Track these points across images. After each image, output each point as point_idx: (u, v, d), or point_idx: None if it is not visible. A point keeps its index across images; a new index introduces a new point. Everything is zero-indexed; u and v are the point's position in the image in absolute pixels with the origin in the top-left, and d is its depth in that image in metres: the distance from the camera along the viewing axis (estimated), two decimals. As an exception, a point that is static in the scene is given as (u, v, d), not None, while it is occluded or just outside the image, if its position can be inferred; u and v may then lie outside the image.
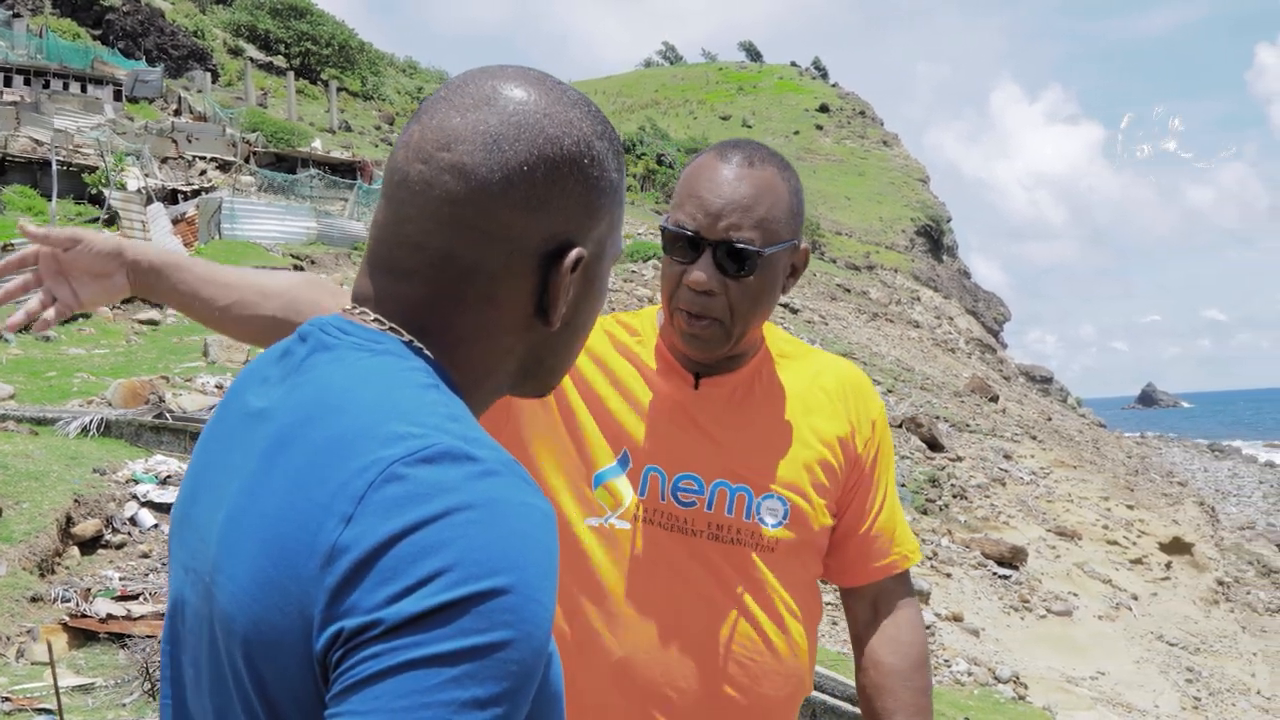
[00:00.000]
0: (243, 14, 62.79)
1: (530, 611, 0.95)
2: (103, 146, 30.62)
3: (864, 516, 2.15)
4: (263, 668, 0.99)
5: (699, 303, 1.93)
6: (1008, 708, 9.36)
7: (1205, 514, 27.07)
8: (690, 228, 1.91)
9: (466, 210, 1.12)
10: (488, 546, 0.95)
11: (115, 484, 9.75)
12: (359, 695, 0.91)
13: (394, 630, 0.92)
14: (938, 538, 14.76)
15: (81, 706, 6.47)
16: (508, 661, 0.93)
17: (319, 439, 1.02)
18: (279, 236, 28.93)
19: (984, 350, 64.90)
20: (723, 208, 1.91)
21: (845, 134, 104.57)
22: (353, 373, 1.08)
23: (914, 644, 2.16)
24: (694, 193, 1.93)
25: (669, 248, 1.94)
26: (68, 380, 14.68)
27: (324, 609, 0.95)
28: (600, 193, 1.19)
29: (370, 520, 0.95)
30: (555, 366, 1.27)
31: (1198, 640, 14.55)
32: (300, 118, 48.87)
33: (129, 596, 8.01)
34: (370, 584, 0.94)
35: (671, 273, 1.95)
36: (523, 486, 1.01)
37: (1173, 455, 57.71)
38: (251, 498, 1.04)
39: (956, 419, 25.66)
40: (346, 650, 0.93)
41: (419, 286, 1.14)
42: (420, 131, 1.16)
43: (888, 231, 78.66)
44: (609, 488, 1.96)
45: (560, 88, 1.20)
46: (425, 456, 0.98)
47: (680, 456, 2.01)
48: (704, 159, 1.96)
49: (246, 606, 1.00)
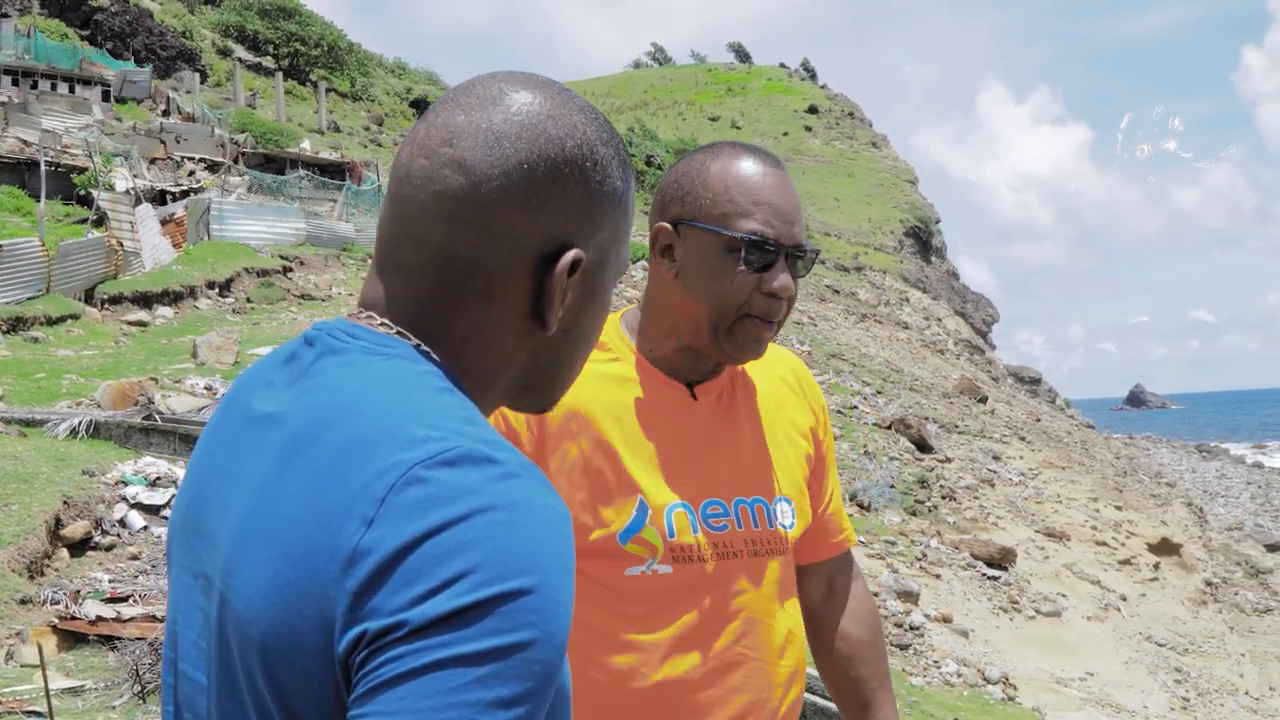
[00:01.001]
0: (231, 14, 62.71)
1: (552, 612, 0.96)
2: (91, 147, 30.53)
3: (823, 497, 2.23)
4: (280, 672, 1.00)
5: (776, 308, 1.96)
6: (997, 709, 9.38)
7: (1193, 515, 27.14)
8: (771, 236, 1.93)
9: (466, 206, 1.13)
10: (511, 548, 0.96)
11: (104, 486, 9.74)
12: (385, 696, 0.92)
13: (419, 631, 0.93)
14: (927, 539, 14.77)
15: (71, 709, 6.45)
16: (531, 661, 0.94)
17: (336, 442, 1.03)
18: (268, 237, 28.88)
19: (972, 351, 65.00)
20: (793, 214, 1.96)
21: (834, 135, 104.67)
22: (365, 376, 1.08)
23: (872, 613, 2.30)
24: (763, 200, 1.94)
25: (747, 257, 1.93)
26: (57, 382, 14.65)
27: (346, 611, 0.96)
28: (603, 198, 1.19)
29: (392, 523, 0.96)
30: (556, 376, 1.26)
31: (1186, 641, 14.59)
32: (289, 118, 48.82)
33: (118, 598, 8.00)
34: (394, 586, 0.94)
35: (745, 281, 1.93)
36: (542, 489, 1.02)
37: (1161, 456, 57.80)
38: (266, 501, 1.04)
39: (945, 420, 25.70)
40: (371, 652, 0.94)
41: (421, 285, 1.15)
42: (426, 129, 1.17)
43: (876, 233, 78.74)
44: (639, 540, 1.92)
45: (567, 93, 1.21)
46: (446, 459, 0.99)
47: (699, 483, 2.00)
48: (748, 165, 1.97)
49: (264, 610, 1.00)
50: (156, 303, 22.39)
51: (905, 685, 9.21)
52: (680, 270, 1.96)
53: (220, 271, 24.70)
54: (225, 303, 23.56)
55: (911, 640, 10.63)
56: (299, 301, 24.57)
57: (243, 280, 24.90)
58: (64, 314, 20.17)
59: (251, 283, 24.95)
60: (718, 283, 1.93)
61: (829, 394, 23.79)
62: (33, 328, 19.10)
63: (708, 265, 1.94)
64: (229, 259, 25.69)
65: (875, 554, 13.15)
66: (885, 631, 10.61)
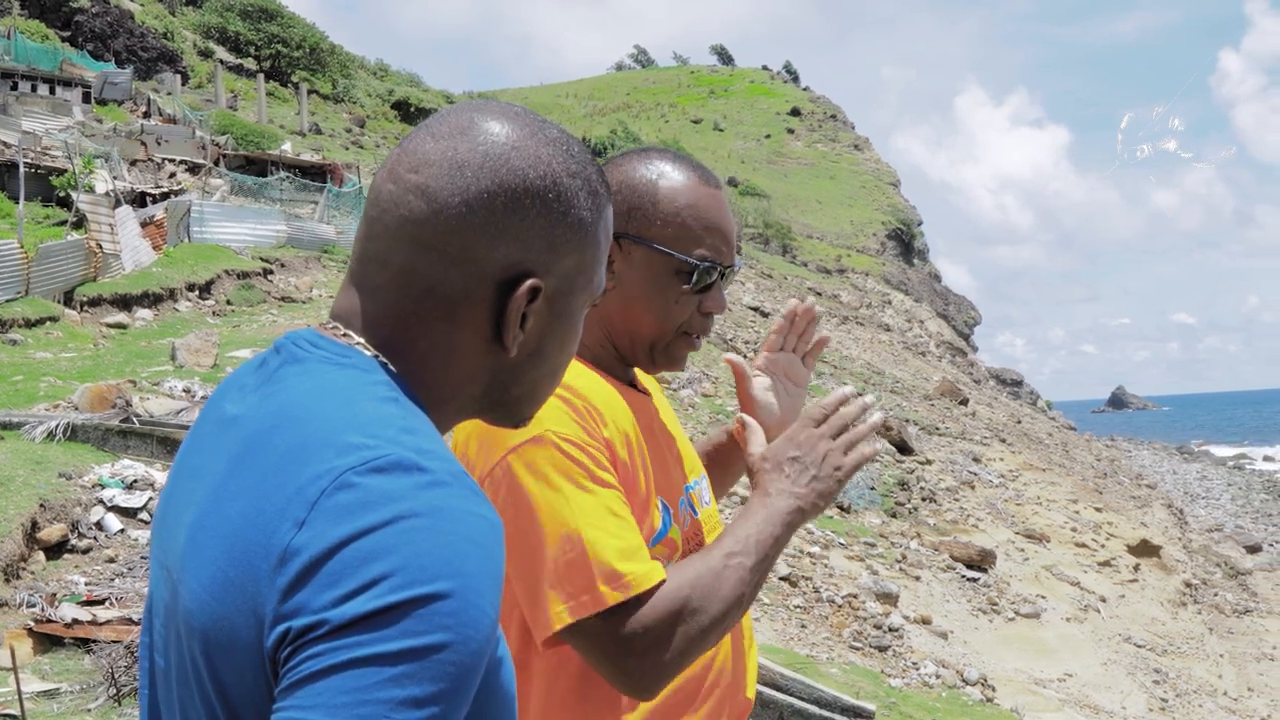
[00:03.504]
0: (213, 16, 62.57)
1: (470, 616, 1.00)
2: (71, 149, 30.42)
3: None
4: (220, 664, 1.04)
5: (709, 325, 2.01)
6: (976, 710, 9.40)
7: (1173, 516, 27.27)
8: (719, 261, 1.96)
9: (426, 230, 1.18)
10: (431, 553, 1.00)
11: (81, 489, 9.69)
12: (303, 691, 0.96)
13: (338, 630, 0.97)
14: (907, 540, 14.80)
15: (46, 712, 6.42)
16: (445, 663, 0.97)
17: (281, 446, 1.08)
18: (248, 239, 28.79)
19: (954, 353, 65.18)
20: (733, 235, 2.00)
21: (816, 138, 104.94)
22: (318, 384, 1.13)
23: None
24: (713, 225, 1.96)
25: (696, 282, 1.94)
26: (34, 384, 14.57)
27: (274, 608, 1.00)
28: (566, 228, 1.23)
29: (321, 525, 1.01)
30: (522, 397, 1.31)
31: (1165, 642, 14.64)
32: (270, 120, 48.71)
33: (95, 601, 7.96)
34: (318, 585, 0.99)
35: (688, 302, 1.96)
36: (471, 497, 1.06)
37: (1142, 458, 58.07)
38: (217, 501, 1.10)
39: (926, 422, 25.77)
40: (294, 648, 0.98)
41: (384, 303, 1.20)
42: (398, 155, 1.23)
43: (859, 235, 78.96)
44: (665, 543, 1.91)
45: (540, 126, 1.25)
46: (376, 466, 1.03)
47: (672, 476, 2.01)
48: (697, 187, 1.97)
49: (207, 605, 1.05)
50: (136, 305, 22.30)
51: (884, 687, 9.22)
52: (619, 284, 1.95)
53: (200, 274, 24.60)
54: (205, 305, 23.48)
55: (890, 642, 10.65)
56: (279, 304, 24.50)
57: (223, 282, 24.81)
58: (43, 316, 20.07)
59: (232, 285, 24.87)
60: (662, 302, 1.95)
61: (810, 396, 23.82)
62: (11, 330, 19.00)
63: (654, 284, 1.95)
64: (209, 261, 25.59)
65: (855, 556, 13.17)
66: (864, 633, 10.64)
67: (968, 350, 74.65)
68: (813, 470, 1.83)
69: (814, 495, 1.82)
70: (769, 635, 9.86)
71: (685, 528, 1.96)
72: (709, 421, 18.49)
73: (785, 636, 10.09)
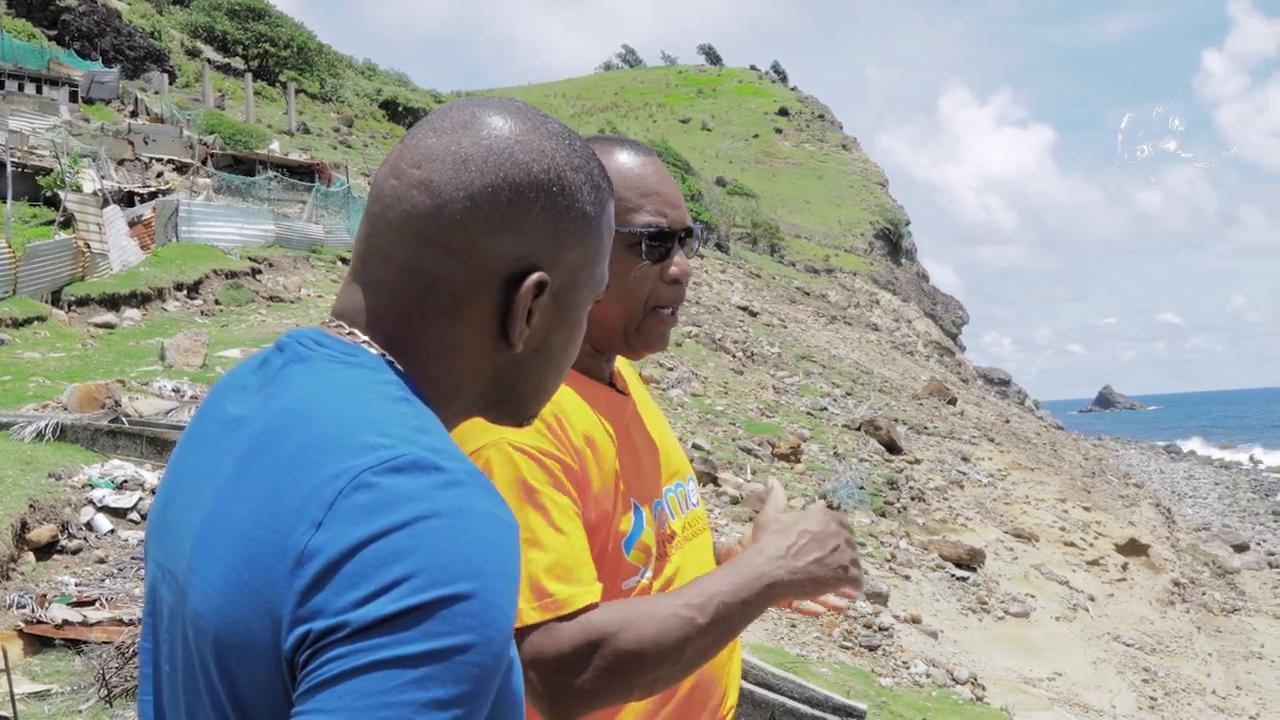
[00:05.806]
0: (200, 15, 62.31)
1: (492, 616, 0.99)
2: (58, 148, 30.29)
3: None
4: (233, 668, 1.03)
5: (679, 293, 1.98)
6: (965, 709, 9.41)
7: (1161, 515, 27.35)
8: (665, 224, 1.93)
9: (431, 226, 1.17)
10: (451, 553, 0.99)
11: (71, 489, 9.66)
12: (324, 694, 0.95)
13: (360, 632, 0.96)
14: (896, 540, 14.82)
15: (37, 713, 6.41)
16: (469, 664, 0.97)
17: (292, 447, 1.07)
18: (236, 239, 28.72)
19: (942, 353, 65.29)
20: (677, 198, 1.97)
21: (804, 137, 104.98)
22: (326, 384, 1.12)
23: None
24: (650, 190, 1.94)
25: (647, 250, 1.92)
26: (23, 384, 14.53)
27: (292, 611, 0.99)
28: (570, 222, 1.22)
29: (339, 526, 1.00)
30: (528, 394, 1.30)
31: (1154, 641, 14.69)
32: (258, 120, 48.56)
33: (85, 602, 7.94)
34: (337, 588, 0.98)
35: (647, 275, 1.94)
36: (487, 497, 1.05)
37: (1130, 457, 58.26)
38: (226, 502, 1.08)
39: (915, 421, 25.81)
40: (314, 651, 0.97)
41: (388, 299, 1.19)
42: (400, 150, 1.22)
43: (847, 235, 79.04)
44: (639, 547, 1.90)
45: (543, 120, 1.25)
46: (394, 466, 1.02)
47: (651, 479, 1.99)
48: (626, 158, 1.96)
49: (219, 607, 1.04)
50: (124, 305, 22.24)
51: (874, 686, 9.24)
52: None
53: (188, 273, 24.54)
54: (193, 305, 23.41)
55: (880, 641, 10.66)
56: (268, 304, 24.44)
57: (211, 282, 24.74)
58: (30, 316, 20.00)
59: (220, 285, 24.80)
60: (620, 281, 1.91)
61: (799, 395, 23.85)
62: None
63: (624, 264, 1.92)
64: (197, 261, 25.52)
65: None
66: (855, 632, 10.66)
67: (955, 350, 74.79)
68: (819, 553, 1.78)
69: (807, 577, 1.76)
70: (759, 635, 9.87)
71: (660, 531, 1.93)
72: (699, 421, 18.51)
73: (776, 636, 10.10)
